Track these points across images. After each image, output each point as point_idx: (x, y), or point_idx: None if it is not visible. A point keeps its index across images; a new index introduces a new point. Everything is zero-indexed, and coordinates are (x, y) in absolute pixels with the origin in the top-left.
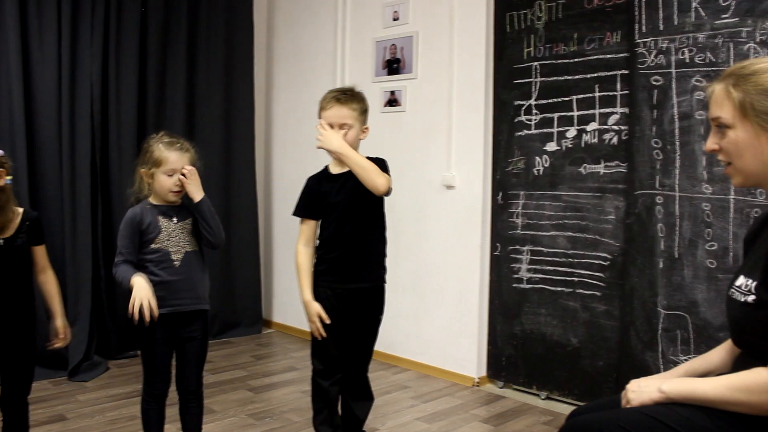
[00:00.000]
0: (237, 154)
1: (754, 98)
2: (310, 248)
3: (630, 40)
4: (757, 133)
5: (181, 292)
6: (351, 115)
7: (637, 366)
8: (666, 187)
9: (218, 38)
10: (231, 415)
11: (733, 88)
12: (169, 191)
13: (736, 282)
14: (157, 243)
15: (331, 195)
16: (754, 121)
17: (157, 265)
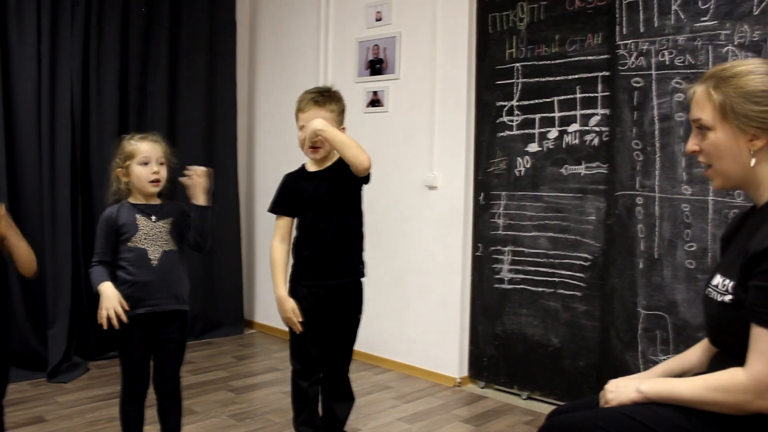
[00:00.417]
0: (219, 154)
1: (734, 101)
2: (285, 245)
3: (611, 42)
4: (736, 136)
5: (158, 292)
6: (329, 116)
7: (618, 366)
8: (646, 188)
9: (201, 38)
10: (212, 416)
11: (713, 90)
12: (147, 181)
13: (712, 281)
14: (133, 242)
15: (307, 192)
16: (733, 123)
17: (133, 264)
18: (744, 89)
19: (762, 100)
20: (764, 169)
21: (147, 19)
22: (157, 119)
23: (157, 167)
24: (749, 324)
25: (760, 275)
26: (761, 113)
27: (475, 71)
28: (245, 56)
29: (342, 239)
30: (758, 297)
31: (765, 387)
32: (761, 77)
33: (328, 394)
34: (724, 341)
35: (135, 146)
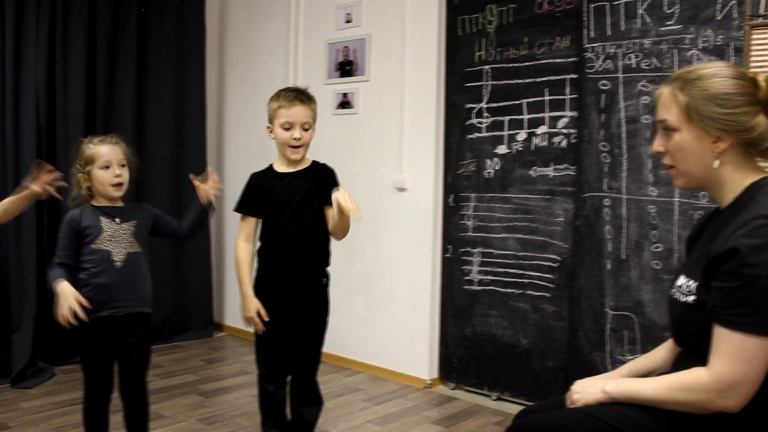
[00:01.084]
0: (188, 155)
1: (699, 103)
2: (250, 245)
3: (579, 45)
4: (701, 137)
5: (121, 294)
6: (311, 115)
7: (586, 366)
8: (613, 189)
9: (169, 39)
10: (180, 420)
11: (679, 91)
12: (110, 185)
13: (677, 282)
14: (97, 243)
15: (275, 193)
16: (698, 125)
17: (97, 266)
18: (709, 92)
19: (726, 103)
20: (727, 170)
21: (114, 20)
22: (124, 121)
23: (118, 170)
24: (712, 324)
25: (722, 276)
26: (725, 115)
27: (444, 73)
28: (214, 57)
29: (310, 242)
30: (720, 298)
31: (727, 386)
32: (725, 80)
33: (296, 397)
34: (688, 341)
35: (95, 150)
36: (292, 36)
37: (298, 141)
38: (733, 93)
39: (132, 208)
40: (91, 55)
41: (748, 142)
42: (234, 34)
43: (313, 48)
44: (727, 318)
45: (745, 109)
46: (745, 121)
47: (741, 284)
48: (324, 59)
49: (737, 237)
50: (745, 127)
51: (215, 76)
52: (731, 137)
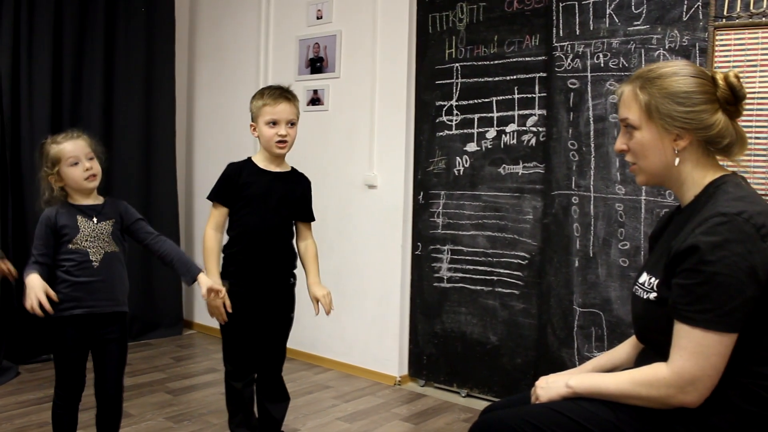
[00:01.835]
0: (157, 152)
1: (659, 101)
2: (220, 234)
3: (548, 43)
4: (661, 135)
5: (97, 293)
6: (296, 112)
7: (554, 362)
8: (581, 187)
9: (138, 33)
10: (148, 418)
11: (640, 90)
12: (83, 179)
13: (639, 279)
14: (74, 243)
15: (252, 187)
16: (658, 123)
17: (75, 265)
18: (668, 90)
19: (685, 101)
20: (687, 167)
21: (81, 14)
22: (92, 117)
23: (87, 163)
24: (673, 321)
25: (682, 273)
26: (685, 114)
27: (414, 71)
28: (184, 52)
29: (281, 242)
30: (680, 295)
31: (686, 381)
32: (685, 79)
33: (263, 394)
34: (650, 338)
35: (59, 148)
36: (262, 32)
37: (284, 137)
38: (692, 91)
39: (111, 204)
40: (57, 49)
41: (707, 140)
42: (204, 30)
43: (283, 44)
44: (687, 314)
45: (704, 107)
46: (704, 119)
47: (700, 281)
48: (294, 56)
49: (696, 234)
50: (704, 124)
51: (185, 71)
52: (691, 135)
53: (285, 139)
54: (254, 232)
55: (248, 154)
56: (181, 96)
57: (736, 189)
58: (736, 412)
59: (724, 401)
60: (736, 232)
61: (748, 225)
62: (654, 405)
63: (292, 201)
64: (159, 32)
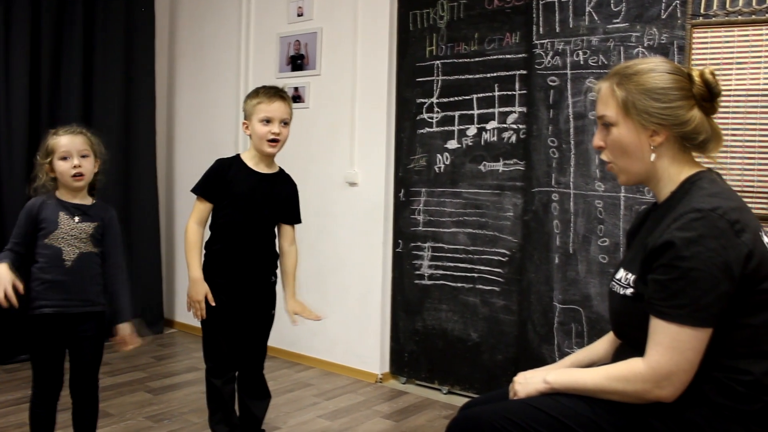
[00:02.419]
0: (137, 150)
1: (635, 97)
2: (202, 228)
3: (528, 41)
4: (638, 131)
5: (67, 294)
6: (290, 112)
7: (535, 359)
8: (561, 184)
9: (117, 30)
10: (128, 418)
11: (617, 87)
12: (69, 176)
13: (616, 275)
14: (50, 239)
15: (240, 185)
16: (635, 119)
17: (48, 261)
18: (645, 86)
19: (662, 97)
20: (664, 163)
21: (59, 11)
22: (71, 113)
23: (78, 160)
24: (649, 316)
25: (658, 269)
26: (661, 110)
27: (395, 68)
28: (164, 49)
29: (263, 240)
30: (656, 290)
31: (662, 377)
32: (661, 75)
33: (244, 392)
34: (627, 333)
35: (55, 140)
36: (243, 29)
37: (276, 135)
38: (668, 87)
39: (99, 207)
40: (34, 46)
41: (683, 136)
42: (184, 26)
43: (264, 41)
44: (662, 310)
45: (680, 103)
46: (680, 114)
47: (675, 276)
48: (275, 53)
49: (672, 230)
50: (680, 120)
51: (165, 68)
52: (667, 131)
53: (277, 138)
54: (238, 231)
55: (229, 151)
56: (161, 93)
57: (711, 185)
58: (711, 406)
59: (699, 395)
60: (710, 227)
61: (723, 221)
62: (630, 400)
63: (277, 203)
64: (138, 29)
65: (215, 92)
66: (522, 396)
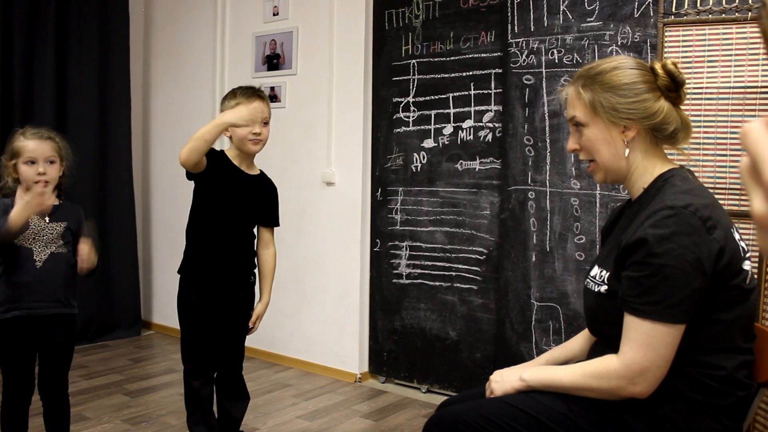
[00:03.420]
0: (112, 151)
1: (602, 96)
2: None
3: (503, 40)
4: (608, 128)
5: (37, 295)
6: (269, 111)
7: (513, 356)
8: (537, 183)
9: (91, 29)
10: (105, 421)
11: (582, 89)
12: (33, 182)
13: (591, 272)
14: (20, 240)
15: (225, 182)
16: (604, 117)
17: (19, 263)
18: (609, 84)
19: (627, 93)
20: (637, 158)
21: (32, 9)
22: (44, 114)
23: (42, 167)
24: (623, 313)
25: (631, 266)
26: (628, 104)
27: (371, 67)
28: (139, 49)
29: (243, 241)
30: (630, 287)
31: (636, 373)
32: (624, 71)
33: (223, 393)
34: (601, 330)
35: (22, 143)
36: (218, 28)
37: (257, 135)
38: (633, 82)
39: (67, 207)
40: (6, 43)
41: (653, 127)
42: (159, 25)
43: (240, 41)
44: (636, 306)
45: (646, 96)
46: (648, 107)
47: (648, 273)
48: (251, 52)
49: (645, 228)
50: (648, 113)
51: (140, 67)
52: (637, 125)
53: (259, 138)
54: (218, 230)
55: None
56: (137, 92)
57: (684, 182)
58: (684, 400)
59: (672, 390)
60: (683, 224)
61: (695, 218)
62: (605, 396)
63: (257, 205)
64: (113, 27)
65: (191, 92)
66: (499, 394)
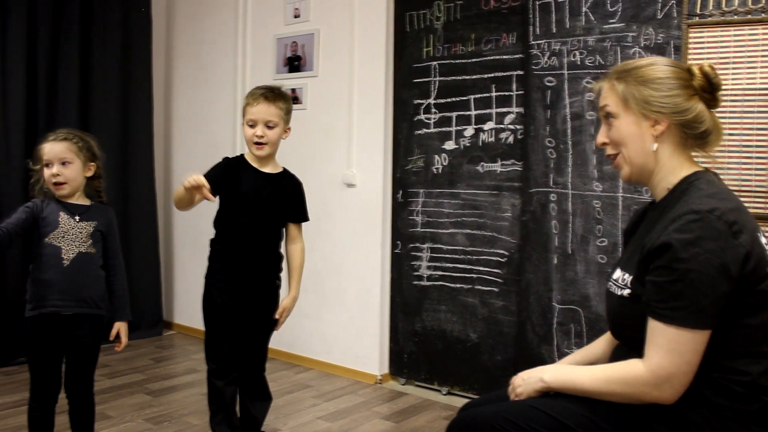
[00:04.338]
0: (135, 152)
1: (635, 89)
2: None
3: (525, 41)
4: (638, 122)
5: (62, 293)
6: (277, 113)
7: (534, 359)
8: (559, 185)
9: (114, 32)
10: (127, 420)
11: (616, 81)
12: (50, 183)
13: (613, 275)
14: (50, 238)
15: (245, 185)
16: (635, 109)
17: (47, 261)
18: (643, 77)
19: (660, 87)
20: (664, 155)
21: (56, 12)
22: (68, 116)
23: (57, 168)
24: (646, 317)
25: (655, 270)
26: (660, 98)
27: (392, 69)
28: (161, 51)
29: (267, 242)
30: (654, 292)
31: (662, 379)
32: (660, 67)
33: (245, 393)
34: (624, 334)
35: (41, 148)
36: (240, 30)
37: (260, 138)
38: (667, 77)
39: (97, 209)
40: (31, 48)
41: (684, 124)
42: (181, 28)
43: (261, 43)
44: (661, 312)
45: (679, 92)
46: (679, 103)
47: (673, 279)
48: (272, 54)
49: (669, 232)
50: (680, 108)
51: (162, 70)
52: (668, 119)
53: (261, 141)
54: (242, 232)
55: (227, 152)
56: (159, 94)
57: (709, 186)
58: (709, 406)
59: (697, 396)
60: (708, 229)
61: (720, 222)
62: (628, 401)
63: (281, 203)
64: (136, 30)
65: (212, 93)
66: (523, 398)
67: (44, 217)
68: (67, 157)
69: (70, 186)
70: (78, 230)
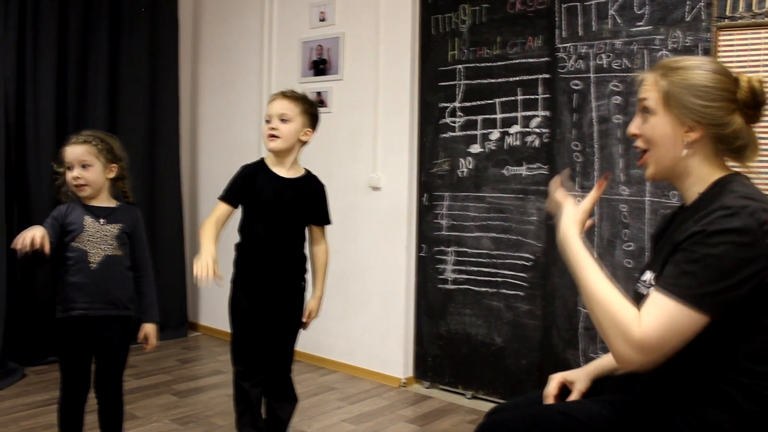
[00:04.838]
0: (161, 154)
1: (677, 91)
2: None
3: (551, 44)
4: (674, 125)
5: (91, 296)
6: (291, 108)
7: (559, 364)
8: (585, 189)
9: (142, 35)
10: (154, 420)
11: (661, 77)
12: (72, 185)
13: (642, 277)
14: (77, 242)
15: (267, 191)
16: (674, 112)
17: (74, 264)
18: (688, 81)
19: (703, 95)
20: (694, 162)
21: (86, 16)
22: (96, 118)
23: (78, 171)
24: None
25: (677, 253)
26: (701, 107)
27: (418, 72)
28: (188, 55)
29: (291, 246)
30: (669, 269)
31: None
32: (707, 73)
33: (271, 395)
34: None
35: (63, 151)
36: (266, 34)
37: (272, 130)
38: (712, 87)
39: (123, 210)
40: (62, 50)
41: (720, 138)
42: (208, 31)
43: (287, 46)
44: (668, 283)
45: (721, 104)
46: (719, 115)
47: (691, 260)
48: (298, 58)
49: (699, 224)
50: (718, 121)
51: (189, 73)
52: (703, 129)
53: (273, 133)
54: (266, 236)
55: (252, 155)
56: (185, 97)
57: (743, 187)
58: (740, 412)
59: (728, 402)
60: (738, 223)
61: (752, 219)
62: (604, 337)
63: (303, 206)
64: (163, 33)
65: (238, 96)
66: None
67: (69, 221)
68: (87, 159)
69: (91, 188)
70: (103, 233)
